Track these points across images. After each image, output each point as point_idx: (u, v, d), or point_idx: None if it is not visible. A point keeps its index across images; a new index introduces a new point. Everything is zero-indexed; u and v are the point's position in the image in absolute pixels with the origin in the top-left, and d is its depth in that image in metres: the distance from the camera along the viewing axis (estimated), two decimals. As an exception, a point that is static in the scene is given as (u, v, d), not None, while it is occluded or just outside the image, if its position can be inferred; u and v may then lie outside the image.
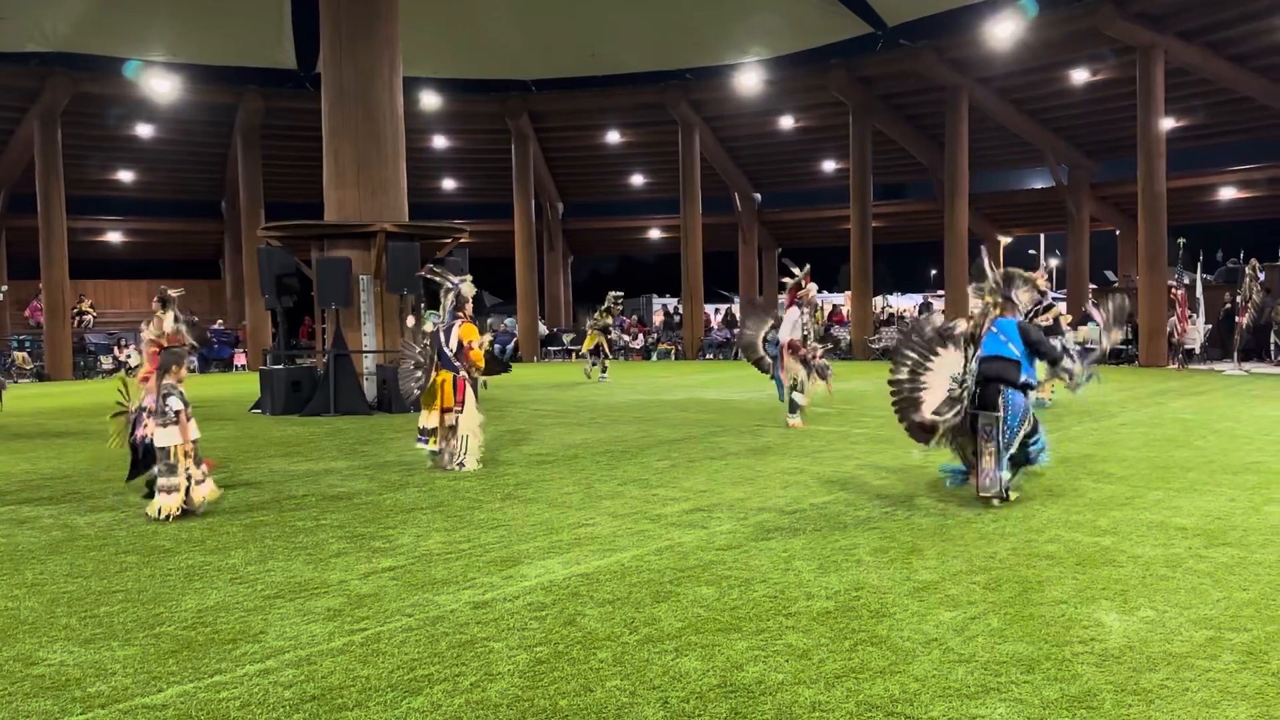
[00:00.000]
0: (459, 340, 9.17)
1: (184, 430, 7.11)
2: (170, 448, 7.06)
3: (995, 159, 32.32)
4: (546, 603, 4.89)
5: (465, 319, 9.30)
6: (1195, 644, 4.15)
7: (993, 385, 6.99)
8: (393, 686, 3.86)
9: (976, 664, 3.96)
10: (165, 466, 7.08)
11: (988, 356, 7.07)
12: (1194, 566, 5.31)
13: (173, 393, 7.12)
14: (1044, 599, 4.78)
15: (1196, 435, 10.53)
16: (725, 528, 6.48)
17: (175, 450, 7.07)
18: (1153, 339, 22.26)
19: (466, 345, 9.14)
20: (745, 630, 4.42)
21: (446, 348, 9.21)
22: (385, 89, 16.79)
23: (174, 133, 30.20)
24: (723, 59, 29.60)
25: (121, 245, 34.69)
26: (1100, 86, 26.01)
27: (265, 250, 16.43)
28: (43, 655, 4.28)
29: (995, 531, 6.20)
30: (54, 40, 25.71)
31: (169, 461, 7.06)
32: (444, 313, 9.48)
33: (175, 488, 7.07)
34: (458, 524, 6.78)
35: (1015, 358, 7.04)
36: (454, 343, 9.18)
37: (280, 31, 27.61)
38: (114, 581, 5.45)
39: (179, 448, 7.08)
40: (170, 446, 7.06)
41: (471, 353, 9.16)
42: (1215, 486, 7.57)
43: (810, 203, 37.14)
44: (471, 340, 9.16)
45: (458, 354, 9.16)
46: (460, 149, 33.91)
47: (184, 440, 7.11)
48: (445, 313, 9.44)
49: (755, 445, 10.41)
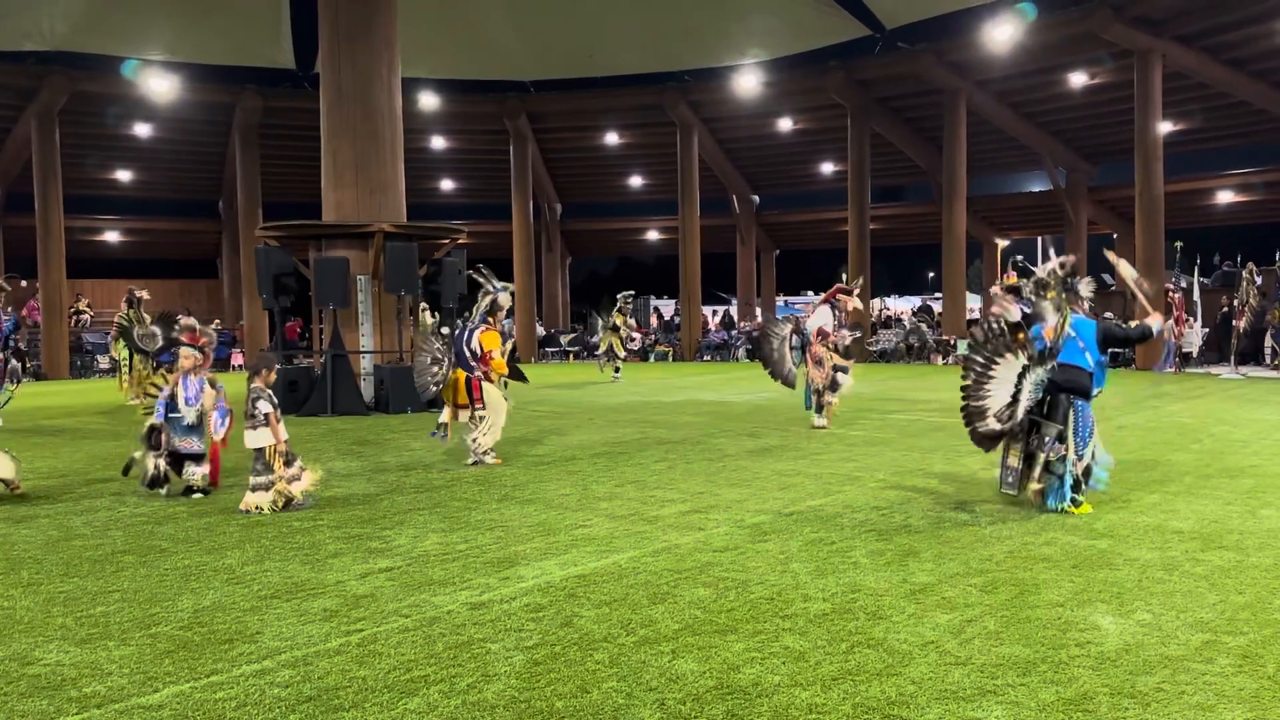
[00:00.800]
0: (479, 345, 9.32)
1: (275, 431, 7.34)
2: (265, 449, 7.32)
3: (993, 162, 32.37)
4: (543, 604, 4.89)
5: (491, 326, 9.47)
6: (1191, 647, 4.16)
7: (1063, 395, 6.78)
8: (389, 687, 3.86)
9: (973, 666, 3.97)
10: (262, 465, 7.33)
11: (1063, 364, 6.79)
12: (1190, 570, 5.32)
13: (262, 395, 7.35)
14: (1040, 601, 4.79)
15: (1193, 439, 10.54)
16: (722, 529, 6.48)
17: (269, 451, 7.33)
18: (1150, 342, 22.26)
19: (486, 353, 9.29)
20: (742, 632, 4.42)
21: (466, 348, 9.35)
22: (384, 89, 16.80)
23: (172, 132, 30.19)
24: (721, 61, 29.63)
25: (119, 245, 34.68)
26: (1098, 90, 26.07)
27: (263, 250, 16.42)
28: (38, 655, 4.27)
29: (992, 534, 6.20)
30: (52, 39, 25.69)
31: (264, 461, 7.33)
32: (475, 314, 9.66)
33: (268, 485, 7.33)
34: (455, 525, 6.77)
35: (1090, 369, 6.87)
36: (475, 345, 9.32)
37: (279, 31, 27.60)
38: (110, 581, 5.44)
39: (273, 448, 7.33)
40: (265, 448, 7.31)
41: (493, 361, 9.33)
42: (1212, 490, 7.58)
43: (808, 205, 37.18)
44: (492, 350, 9.32)
45: (476, 357, 9.30)
46: (459, 149, 33.92)
47: (276, 440, 7.34)
48: (476, 314, 9.62)
49: (753, 447, 10.41)
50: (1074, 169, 30.13)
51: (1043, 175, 31.91)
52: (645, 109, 31.25)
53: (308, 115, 21.59)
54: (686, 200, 31.17)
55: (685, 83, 30.56)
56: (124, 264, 35.41)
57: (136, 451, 8.07)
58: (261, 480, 7.33)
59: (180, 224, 35.38)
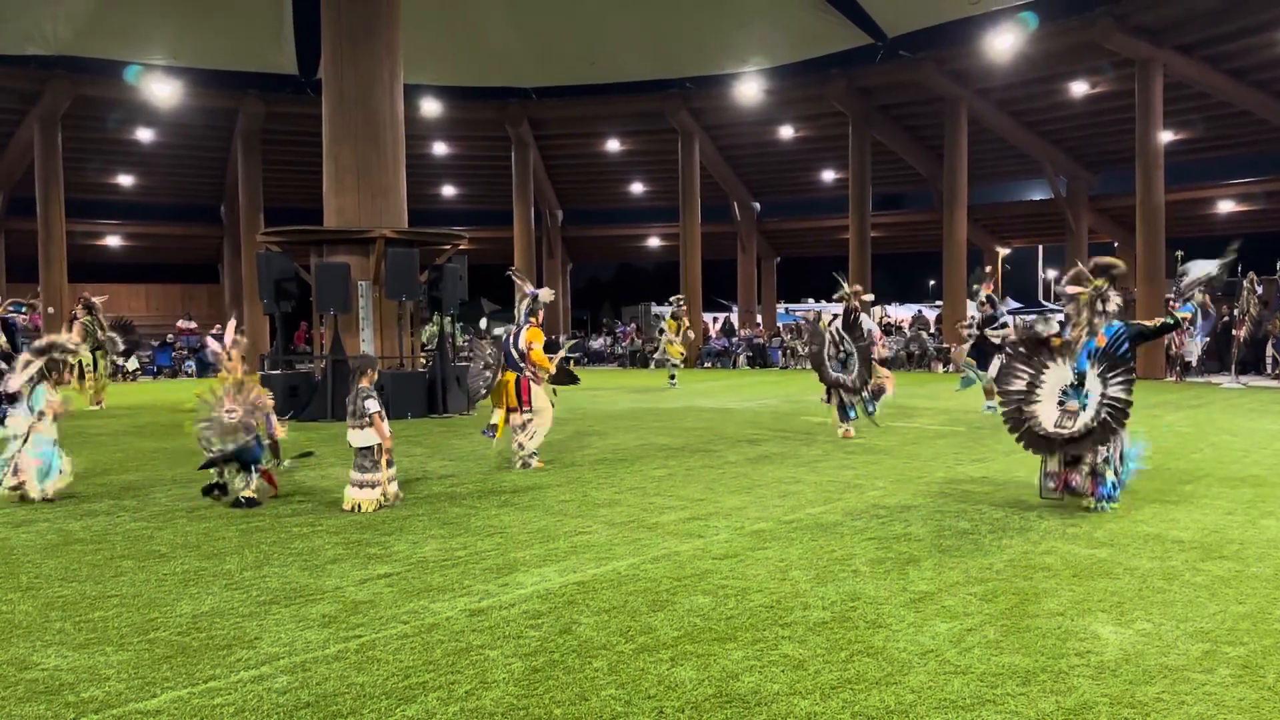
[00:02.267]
0: (525, 343, 9.53)
1: (381, 430, 7.51)
2: (373, 448, 7.50)
3: (994, 170, 32.39)
4: (542, 611, 4.88)
5: (534, 324, 9.65)
6: (1191, 657, 4.15)
7: None
8: (387, 694, 3.85)
9: (972, 675, 3.96)
10: (370, 463, 7.51)
11: None
12: (1190, 579, 5.31)
13: (371, 395, 7.52)
14: (1040, 611, 4.78)
15: (1193, 448, 10.53)
16: (722, 537, 6.47)
17: (377, 449, 7.52)
18: (1150, 351, 22.29)
19: (527, 346, 9.47)
20: (741, 640, 4.41)
21: (514, 349, 9.54)
22: (386, 95, 16.81)
23: (174, 137, 30.22)
24: (723, 68, 29.65)
25: (121, 249, 34.68)
26: (1099, 99, 26.08)
27: (264, 255, 16.42)
28: (37, 659, 4.27)
29: (992, 543, 6.19)
30: (55, 43, 25.73)
31: (373, 459, 7.51)
32: (518, 315, 9.85)
33: (375, 483, 7.53)
34: (454, 531, 6.77)
35: None
36: (522, 344, 9.51)
37: (281, 36, 27.64)
38: (109, 586, 5.44)
39: (379, 447, 7.52)
40: (372, 446, 7.50)
41: (533, 353, 9.48)
42: (1212, 500, 7.57)
43: (809, 212, 37.20)
44: (533, 341, 9.52)
45: (523, 356, 9.49)
46: (460, 155, 33.95)
47: (384, 439, 7.52)
48: (520, 315, 9.80)
49: (752, 455, 10.40)
50: (1075, 177, 30.14)
51: (1044, 184, 31.93)
52: (647, 116, 31.28)
53: (309, 120, 21.63)
54: (687, 207, 31.19)
55: (687, 90, 30.59)
56: (125, 268, 35.41)
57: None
58: (367, 478, 7.52)
59: (182, 229, 35.39)
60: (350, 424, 7.58)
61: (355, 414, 7.51)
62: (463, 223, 33.37)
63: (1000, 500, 7.59)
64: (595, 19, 28.07)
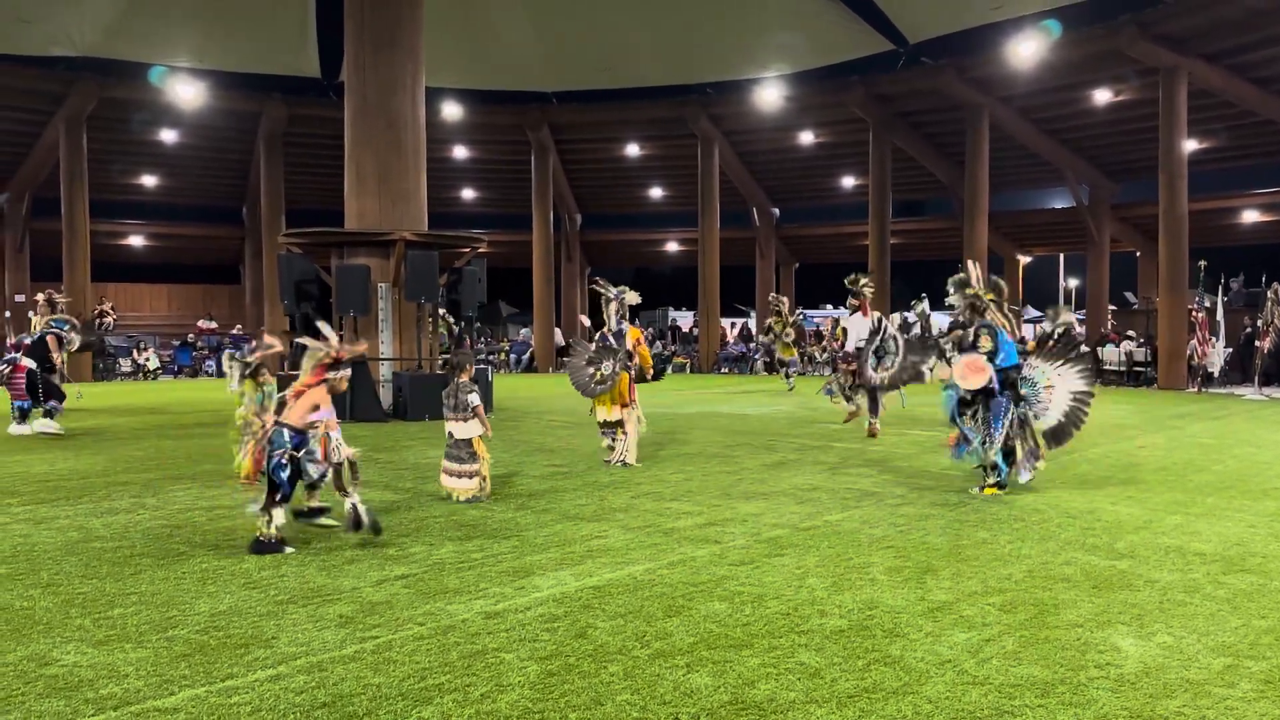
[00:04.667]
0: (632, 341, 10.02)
1: (484, 421, 7.94)
2: (471, 439, 7.89)
3: (1015, 178, 32.25)
4: (558, 614, 4.88)
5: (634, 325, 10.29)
6: (1213, 671, 4.10)
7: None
8: (403, 695, 3.86)
9: (991, 686, 3.93)
10: (468, 454, 7.91)
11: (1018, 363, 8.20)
12: (1212, 592, 5.26)
13: (473, 389, 7.95)
14: (1060, 622, 4.74)
15: (1215, 459, 10.43)
16: (739, 542, 6.45)
17: (477, 441, 7.92)
18: (1172, 361, 22.12)
19: (635, 345, 9.98)
20: (757, 647, 4.40)
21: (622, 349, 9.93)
22: (408, 99, 16.90)
23: (197, 138, 30.48)
24: (743, 74, 29.66)
25: (143, 249, 34.98)
26: (1122, 107, 25.94)
27: (285, 257, 16.53)
28: (56, 655, 4.30)
29: (1011, 553, 6.15)
30: (81, 45, 25.98)
31: (472, 450, 7.91)
32: (610, 320, 10.25)
33: (473, 473, 7.93)
34: (470, 533, 6.78)
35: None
36: (629, 343, 9.94)
37: (305, 40, 27.84)
38: (128, 584, 5.47)
39: (479, 439, 7.93)
40: (473, 438, 7.90)
41: (640, 349, 10.02)
42: (1235, 512, 7.50)
43: (829, 218, 37.15)
44: (639, 339, 10.12)
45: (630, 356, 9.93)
46: (480, 159, 34.08)
47: (486, 430, 7.97)
48: (612, 319, 10.20)
49: (770, 460, 10.37)
50: (1097, 186, 29.97)
51: (1065, 192, 31.77)
52: (666, 121, 31.32)
53: (332, 124, 21.77)
54: (706, 212, 31.19)
55: (707, 95, 30.61)
56: (148, 268, 35.71)
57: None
58: (466, 468, 7.90)
59: (204, 229, 35.68)
60: (452, 417, 7.92)
61: (457, 407, 7.88)
62: (482, 226, 33.50)
63: (1019, 510, 7.54)
64: (616, 24, 28.13)
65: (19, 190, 29.91)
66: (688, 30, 28.08)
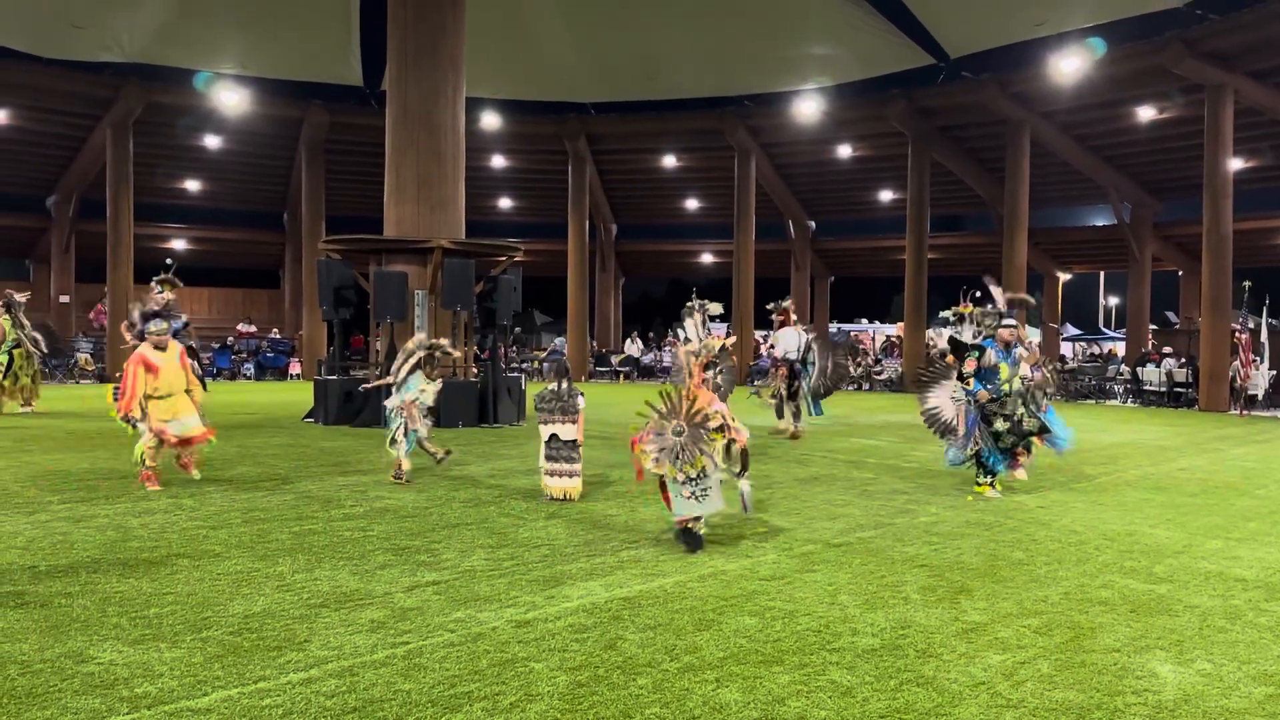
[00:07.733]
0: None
1: (580, 425, 8.33)
2: (576, 440, 8.27)
3: (1056, 194, 31.89)
4: (588, 625, 4.87)
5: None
6: (1254, 700, 4.02)
7: None
8: (433, 702, 3.87)
9: (1025, 710, 3.87)
10: (575, 455, 8.28)
11: None
12: (1254, 620, 5.15)
13: (581, 394, 8.33)
14: (1096, 646, 4.67)
15: (1258, 484, 10.24)
16: (770, 557, 6.42)
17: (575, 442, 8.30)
18: (1214, 383, 21.75)
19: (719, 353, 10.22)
20: (788, 663, 4.36)
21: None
22: (448, 108, 17.04)
23: (241, 144, 30.88)
24: (782, 86, 29.60)
25: (185, 252, 35.42)
26: (1167, 125, 25.59)
27: (324, 262, 16.70)
28: (93, 653, 4.35)
29: (1047, 575, 6.07)
30: (129, 51, 26.45)
31: (577, 450, 8.30)
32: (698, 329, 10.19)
33: (575, 473, 8.32)
34: (502, 541, 6.79)
35: None
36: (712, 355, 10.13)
37: (348, 49, 28.15)
38: (164, 584, 5.54)
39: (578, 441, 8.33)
40: (576, 439, 8.28)
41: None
42: (1277, 538, 7.35)
43: (865, 232, 36.92)
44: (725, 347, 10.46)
45: None
46: (518, 169, 34.25)
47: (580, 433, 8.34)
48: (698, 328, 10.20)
49: (802, 475, 10.32)
50: (1139, 204, 29.57)
51: (1107, 209, 31.36)
52: (704, 133, 31.32)
53: (373, 131, 21.97)
54: (742, 225, 31.13)
55: (745, 108, 30.59)
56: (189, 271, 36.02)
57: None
58: (572, 469, 8.27)
59: (245, 234, 36.10)
60: (560, 419, 8.21)
61: (566, 409, 8.18)
62: (518, 234, 33.64)
63: (1057, 531, 7.44)
64: (655, 36, 28.18)
65: (66, 192, 30.47)
66: (727, 42, 28.07)
